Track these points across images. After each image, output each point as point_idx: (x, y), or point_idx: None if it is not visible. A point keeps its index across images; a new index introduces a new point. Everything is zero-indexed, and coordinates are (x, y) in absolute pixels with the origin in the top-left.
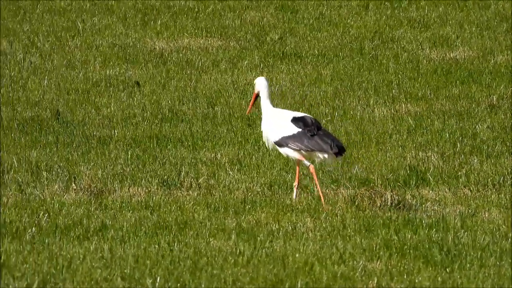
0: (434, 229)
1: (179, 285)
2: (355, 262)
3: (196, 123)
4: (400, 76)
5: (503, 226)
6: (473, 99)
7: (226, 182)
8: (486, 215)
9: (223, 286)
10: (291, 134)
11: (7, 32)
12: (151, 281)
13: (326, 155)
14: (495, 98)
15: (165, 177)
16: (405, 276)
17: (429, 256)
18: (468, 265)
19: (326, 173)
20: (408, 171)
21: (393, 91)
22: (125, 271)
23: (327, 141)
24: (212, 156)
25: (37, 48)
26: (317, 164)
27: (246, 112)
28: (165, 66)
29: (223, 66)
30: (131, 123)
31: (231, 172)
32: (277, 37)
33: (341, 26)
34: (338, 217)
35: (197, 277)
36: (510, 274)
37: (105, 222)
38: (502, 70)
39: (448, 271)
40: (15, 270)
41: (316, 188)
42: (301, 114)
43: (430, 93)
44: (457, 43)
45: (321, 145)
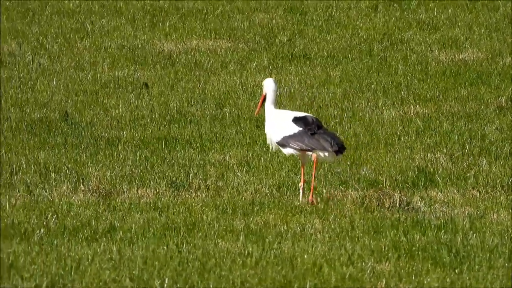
0: (443, 231)
1: (187, 286)
2: (363, 263)
3: (205, 124)
4: (409, 78)
5: None
6: (481, 100)
7: (235, 183)
8: (495, 217)
9: None
10: (292, 133)
11: (16, 34)
12: (159, 282)
13: (326, 153)
14: (503, 100)
15: (174, 178)
16: (413, 277)
17: (438, 257)
18: (476, 266)
19: (334, 174)
20: (417, 173)
21: (402, 92)
22: (133, 272)
23: (327, 139)
24: (221, 157)
25: (46, 50)
26: (320, 163)
27: (255, 114)
28: (173, 68)
29: (232, 68)
30: (139, 124)
31: (239, 174)
32: (286, 38)
33: (350, 28)
34: (347, 218)
35: (205, 278)
36: None
37: (113, 224)
38: (511, 72)
39: (456, 272)
40: (23, 271)
41: (312, 177)
42: (302, 114)
43: (438, 94)
44: (466, 45)
45: (322, 143)
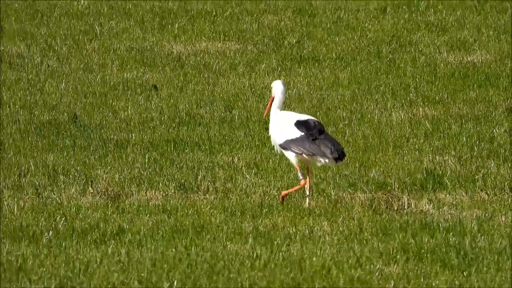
0: (451, 233)
1: None
2: (372, 265)
3: (214, 126)
4: (417, 80)
5: None
6: (490, 102)
7: (243, 185)
8: (503, 219)
9: None
10: (294, 137)
11: (24, 36)
12: (168, 285)
13: (326, 160)
14: None
15: (182, 180)
16: (422, 280)
17: (446, 259)
18: (485, 268)
19: (343, 177)
20: (425, 175)
21: (411, 94)
22: (142, 274)
23: (328, 145)
24: (229, 159)
25: (55, 52)
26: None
27: (264, 116)
28: (182, 70)
29: (241, 70)
30: (148, 126)
31: (248, 176)
32: (294, 40)
33: (359, 30)
34: (355, 221)
35: (214, 280)
36: None
37: (122, 226)
38: None
39: (465, 274)
40: (32, 274)
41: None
42: (305, 117)
43: (447, 96)
44: (475, 47)
45: (322, 149)
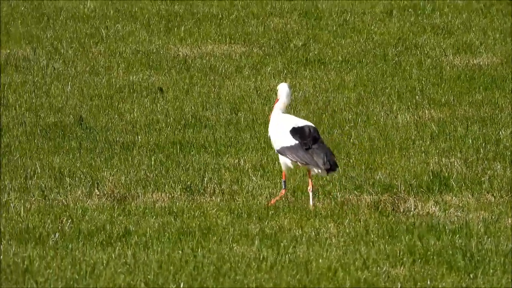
0: (458, 235)
1: None
2: (378, 268)
3: (220, 129)
4: (423, 82)
5: None
6: (496, 105)
7: (249, 187)
8: (510, 221)
9: None
10: (289, 145)
11: (30, 39)
12: (174, 287)
13: (319, 170)
14: None
15: (188, 182)
16: (428, 282)
17: (453, 261)
18: (491, 270)
19: (349, 179)
20: (431, 177)
21: (417, 97)
22: (148, 276)
23: (320, 156)
24: (235, 162)
25: (61, 55)
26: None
27: (269, 118)
28: (188, 72)
29: (247, 72)
30: (154, 129)
31: (254, 178)
32: (300, 43)
33: (365, 33)
34: (361, 223)
35: (220, 283)
36: None
37: (128, 228)
38: None
39: (471, 276)
40: (38, 276)
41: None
42: (302, 124)
43: (453, 99)
44: (481, 50)
45: (315, 159)
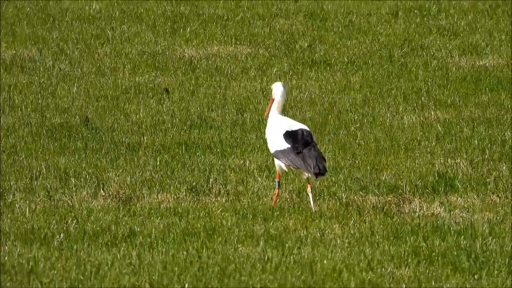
0: (462, 236)
1: None
2: (383, 269)
3: (225, 129)
4: (429, 84)
5: None
6: (502, 106)
7: (255, 188)
8: None
9: None
10: (282, 149)
11: (36, 40)
12: (179, 287)
13: (309, 174)
14: None
15: (194, 183)
16: (433, 283)
17: (457, 262)
18: (496, 271)
19: (354, 180)
20: (437, 178)
21: (422, 98)
22: (153, 277)
23: (310, 160)
24: (241, 162)
25: (67, 55)
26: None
27: (264, 116)
28: (194, 73)
29: (252, 73)
30: (160, 129)
31: (259, 179)
32: (306, 44)
33: (371, 34)
34: (366, 223)
35: (225, 283)
36: None
37: (133, 229)
38: None
39: (476, 277)
40: (43, 276)
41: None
42: (296, 127)
43: (459, 100)
44: (486, 51)
45: (304, 164)
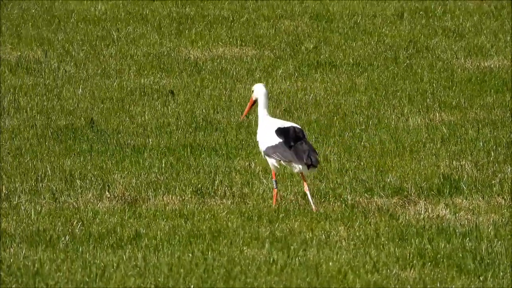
0: (468, 238)
1: None
2: (388, 270)
3: (231, 131)
4: (434, 85)
5: None
6: (507, 108)
7: (260, 190)
8: None
9: None
10: (273, 144)
11: (41, 41)
12: None
13: (300, 166)
14: None
15: (199, 185)
16: (438, 285)
17: (463, 264)
18: (501, 273)
19: (359, 182)
20: (442, 180)
21: (428, 100)
22: (158, 279)
23: (301, 152)
24: (246, 164)
25: (72, 57)
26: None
27: (240, 118)
28: (199, 75)
29: (258, 75)
30: (165, 131)
31: (265, 181)
32: (311, 46)
33: (376, 35)
34: (372, 225)
35: (230, 285)
36: None
37: (139, 231)
38: None
39: (481, 279)
40: (48, 278)
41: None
42: (287, 125)
43: (464, 102)
44: (492, 52)
45: (296, 157)
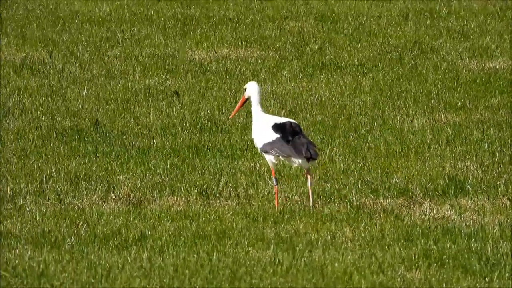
0: (473, 239)
1: None
2: (394, 271)
3: (235, 132)
4: (439, 86)
5: None
6: None
7: (265, 191)
8: None
9: None
10: (270, 140)
11: (46, 42)
12: None
13: (300, 160)
14: None
15: (204, 186)
16: (444, 286)
17: (468, 265)
18: (507, 274)
19: (365, 183)
20: (447, 181)
21: (432, 101)
22: (164, 280)
23: (300, 146)
24: (251, 165)
25: (77, 58)
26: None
27: (230, 116)
28: (204, 76)
29: (263, 76)
30: (170, 132)
31: (270, 182)
32: (316, 47)
33: (381, 36)
34: (377, 226)
35: (236, 286)
36: None
37: (144, 232)
38: None
39: (487, 280)
40: (54, 279)
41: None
42: (283, 120)
43: (469, 103)
44: (497, 53)
45: (294, 151)
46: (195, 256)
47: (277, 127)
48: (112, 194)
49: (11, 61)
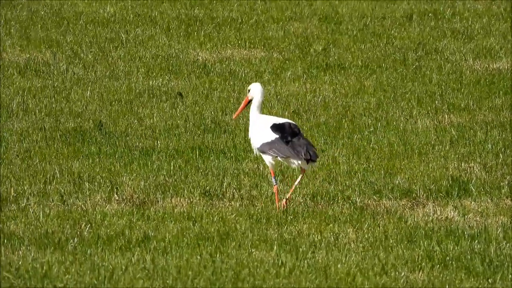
0: (476, 240)
1: None
2: (397, 273)
3: (239, 134)
4: (443, 87)
5: None
6: None
7: (268, 193)
8: None
9: None
10: (269, 141)
11: (50, 43)
12: None
13: (299, 161)
14: None
15: (208, 188)
16: (447, 287)
17: (471, 267)
18: (510, 275)
19: (368, 184)
20: (451, 182)
21: (436, 102)
22: (167, 281)
23: (300, 147)
24: (255, 167)
25: (80, 59)
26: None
27: (233, 116)
28: (208, 77)
29: (266, 77)
30: (173, 134)
31: (271, 182)
32: (320, 48)
33: (385, 37)
34: (380, 227)
35: (239, 287)
36: None
37: (147, 233)
38: None
39: (490, 282)
40: (57, 281)
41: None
42: (282, 121)
43: (473, 104)
44: (501, 54)
45: (294, 152)
46: (198, 257)
47: (276, 127)
48: (116, 195)
49: (15, 62)
